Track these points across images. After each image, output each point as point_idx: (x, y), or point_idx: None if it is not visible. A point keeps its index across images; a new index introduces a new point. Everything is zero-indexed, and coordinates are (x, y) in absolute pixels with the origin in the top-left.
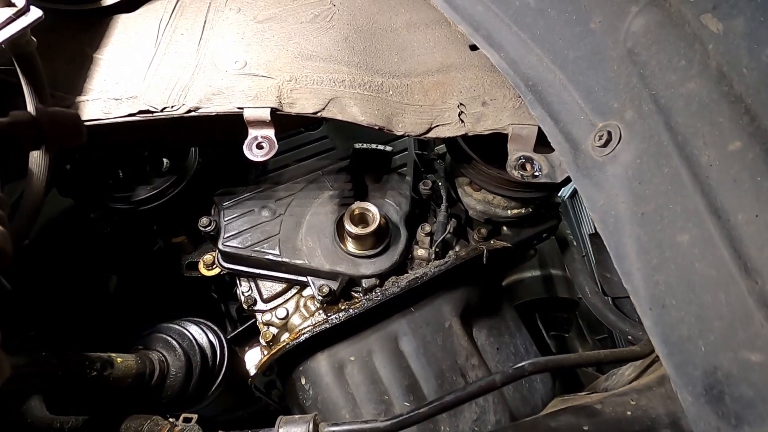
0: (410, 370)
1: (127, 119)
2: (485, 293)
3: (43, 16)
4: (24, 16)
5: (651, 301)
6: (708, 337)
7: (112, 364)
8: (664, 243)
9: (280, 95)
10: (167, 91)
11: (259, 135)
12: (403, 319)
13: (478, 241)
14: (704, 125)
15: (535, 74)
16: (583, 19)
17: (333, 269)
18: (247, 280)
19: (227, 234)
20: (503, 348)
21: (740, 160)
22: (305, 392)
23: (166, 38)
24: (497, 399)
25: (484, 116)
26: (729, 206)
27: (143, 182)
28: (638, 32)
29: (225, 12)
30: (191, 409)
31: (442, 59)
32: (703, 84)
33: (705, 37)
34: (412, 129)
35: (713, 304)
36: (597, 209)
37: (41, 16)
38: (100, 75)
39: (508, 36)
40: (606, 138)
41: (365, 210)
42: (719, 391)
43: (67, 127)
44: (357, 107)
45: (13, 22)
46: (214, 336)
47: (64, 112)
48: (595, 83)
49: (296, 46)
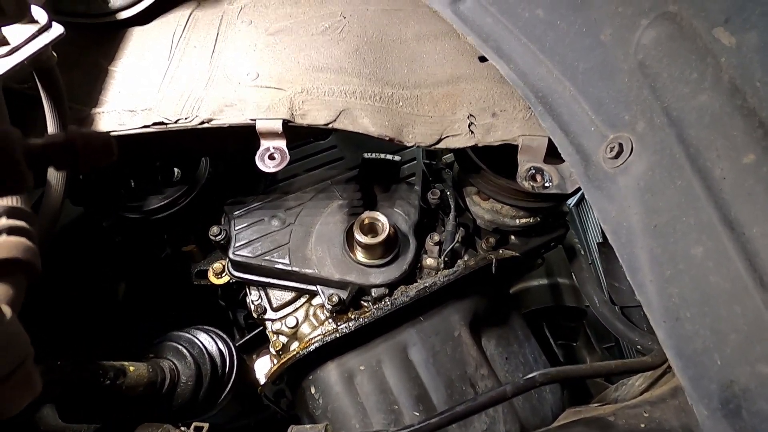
0: (420, 380)
1: (142, 131)
2: (493, 302)
3: (65, 32)
4: (46, 32)
5: (665, 313)
6: (724, 351)
7: (125, 373)
8: (678, 255)
9: (291, 107)
10: (181, 103)
11: (271, 146)
12: (412, 329)
13: (487, 250)
14: (717, 138)
15: (544, 86)
16: (593, 31)
17: (342, 278)
18: (256, 289)
19: (238, 243)
20: (512, 357)
21: (754, 173)
22: (315, 401)
23: (180, 50)
24: (507, 409)
25: (494, 127)
26: (743, 219)
27: (155, 192)
28: (649, 45)
29: (237, 24)
30: (201, 417)
31: (451, 70)
32: (716, 97)
33: (717, 51)
34: (423, 140)
35: (728, 317)
36: (609, 221)
37: (63, 32)
38: (115, 87)
39: (518, 47)
40: (617, 150)
41: (375, 219)
42: (736, 405)
43: (99, 147)
44: (368, 118)
45: (36, 39)
46: (223, 344)
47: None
48: (605, 95)
49: (307, 57)
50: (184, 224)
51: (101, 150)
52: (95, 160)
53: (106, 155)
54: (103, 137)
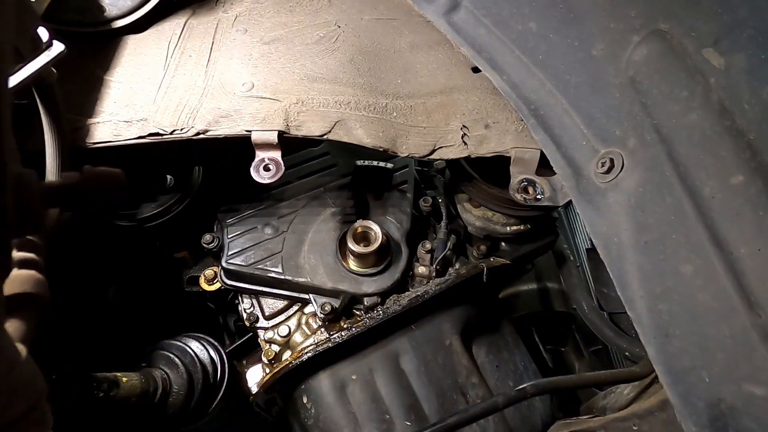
0: (411, 389)
1: (137, 141)
2: (484, 309)
3: (66, 50)
4: (47, 50)
5: (655, 329)
6: (712, 369)
7: (118, 384)
8: (667, 272)
9: (287, 118)
10: (176, 114)
11: (266, 157)
12: (404, 338)
13: (478, 257)
14: (706, 157)
15: (537, 98)
16: (584, 45)
17: (335, 287)
18: (249, 297)
19: (230, 251)
20: (502, 365)
21: (743, 194)
22: (307, 411)
23: (175, 60)
24: (497, 418)
25: (487, 139)
26: (731, 239)
27: (148, 199)
28: (640, 61)
29: (232, 33)
30: (193, 426)
31: (445, 81)
32: (705, 116)
33: (707, 71)
34: (416, 151)
35: (716, 335)
36: (600, 235)
37: (64, 50)
38: (110, 97)
39: (511, 59)
40: (609, 165)
41: (368, 228)
42: (723, 424)
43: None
44: (362, 129)
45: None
46: (215, 351)
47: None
48: (596, 110)
49: (302, 67)
50: (177, 232)
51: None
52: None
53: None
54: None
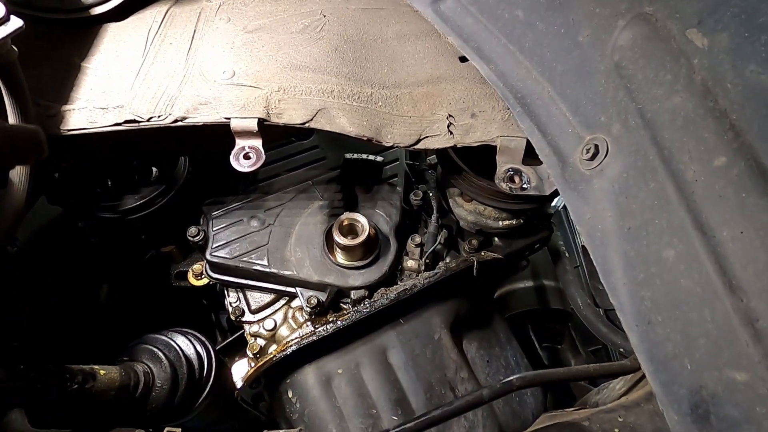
0: (399, 384)
1: (113, 128)
2: (476, 305)
3: (24, 26)
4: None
5: (637, 317)
6: (693, 355)
7: (95, 377)
8: (650, 258)
9: (267, 105)
10: (154, 101)
11: (246, 145)
12: (392, 331)
13: (469, 252)
14: (690, 140)
15: (523, 87)
16: (571, 32)
17: (322, 280)
18: (235, 291)
19: (215, 244)
20: (493, 360)
21: (725, 175)
22: (292, 405)
23: (155, 47)
24: (486, 413)
25: (473, 128)
26: (714, 222)
27: (131, 191)
28: (625, 46)
29: (215, 22)
30: (177, 422)
31: (431, 70)
32: (689, 98)
33: (690, 52)
34: (401, 140)
35: (698, 321)
36: (584, 223)
37: (21, 26)
38: (87, 84)
39: (498, 48)
40: (593, 151)
41: (354, 221)
42: (705, 411)
43: (24, 143)
44: (345, 118)
45: None
46: (201, 347)
47: (22, 128)
48: (582, 96)
49: (285, 56)
50: (161, 224)
51: (27, 146)
52: (20, 157)
53: (33, 152)
54: (29, 131)
